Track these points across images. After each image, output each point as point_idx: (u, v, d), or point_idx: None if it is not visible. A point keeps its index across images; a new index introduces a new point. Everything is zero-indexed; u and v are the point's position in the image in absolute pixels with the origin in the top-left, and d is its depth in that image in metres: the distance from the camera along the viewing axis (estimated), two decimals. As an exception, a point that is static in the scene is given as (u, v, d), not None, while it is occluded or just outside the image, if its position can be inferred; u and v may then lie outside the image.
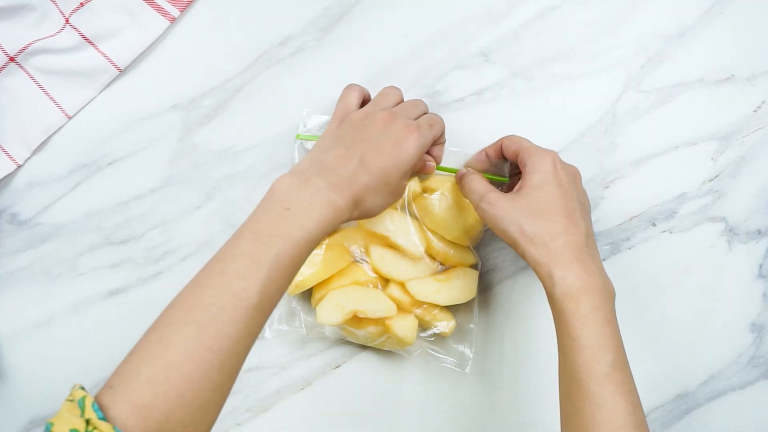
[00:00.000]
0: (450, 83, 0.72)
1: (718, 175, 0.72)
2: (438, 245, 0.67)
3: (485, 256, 0.71)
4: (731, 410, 0.71)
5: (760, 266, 0.72)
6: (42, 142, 0.71)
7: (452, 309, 0.69)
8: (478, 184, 0.63)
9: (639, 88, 0.72)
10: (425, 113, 0.64)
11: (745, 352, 0.71)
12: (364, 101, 0.66)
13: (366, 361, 0.70)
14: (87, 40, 0.71)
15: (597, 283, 0.57)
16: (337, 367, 0.71)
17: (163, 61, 0.72)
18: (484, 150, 0.68)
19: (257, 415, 0.70)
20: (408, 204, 0.68)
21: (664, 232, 0.72)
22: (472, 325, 0.68)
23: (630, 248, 0.72)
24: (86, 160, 0.71)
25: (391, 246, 0.67)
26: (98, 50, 0.71)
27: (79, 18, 0.71)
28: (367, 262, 0.68)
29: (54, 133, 0.71)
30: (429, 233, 0.67)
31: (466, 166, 0.68)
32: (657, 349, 0.71)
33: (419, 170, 0.66)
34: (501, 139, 0.66)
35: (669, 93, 0.72)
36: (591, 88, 0.72)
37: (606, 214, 0.72)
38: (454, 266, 0.68)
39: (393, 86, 0.65)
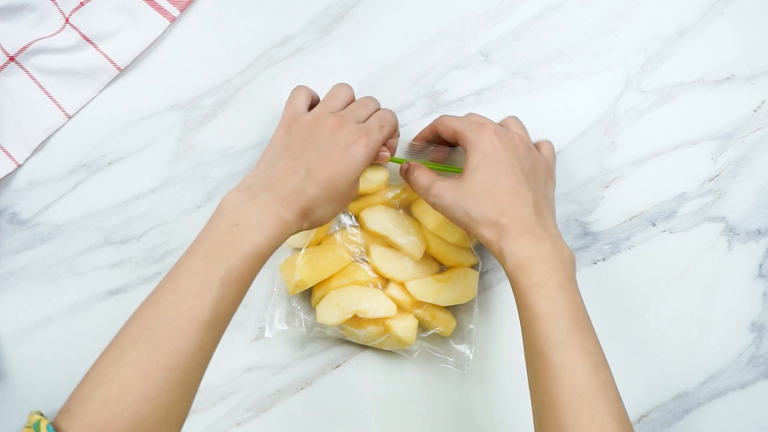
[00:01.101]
0: (450, 83, 0.72)
1: (718, 175, 0.72)
2: (438, 245, 0.67)
3: (485, 256, 0.71)
4: (731, 410, 0.71)
5: (760, 266, 0.72)
6: (42, 142, 0.71)
7: (452, 309, 0.69)
8: (423, 177, 0.63)
9: (639, 88, 0.72)
10: (377, 110, 0.64)
11: (745, 351, 0.71)
12: (314, 103, 0.65)
13: (366, 361, 0.70)
14: (87, 39, 0.71)
15: (547, 250, 0.56)
16: (337, 366, 0.71)
17: (163, 61, 0.72)
18: (421, 133, 0.67)
19: (257, 414, 0.70)
20: (409, 206, 0.68)
21: (664, 232, 0.72)
22: (472, 326, 0.68)
23: (630, 248, 0.72)
24: (86, 160, 0.71)
25: (392, 246, 0.67)
26: (98, 50, 0.71)
27: (79, 18, 0.71)
28: (367, 262, 0.68)
29: (54, 133, 0.71)
30: (430, 234, 0.67)
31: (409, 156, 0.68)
32: (657, 348, 0.71)
33: (373, 160, 0.66)
34: (434, 123, 0.65)
35: (669, 93, 0.72)
36: (591, 88, 0.72)
37: (606, 214, 0.72)
38: (454, 266, 0.68)
39: (343, 84, 0.65)
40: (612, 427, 0.51)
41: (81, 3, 0.71)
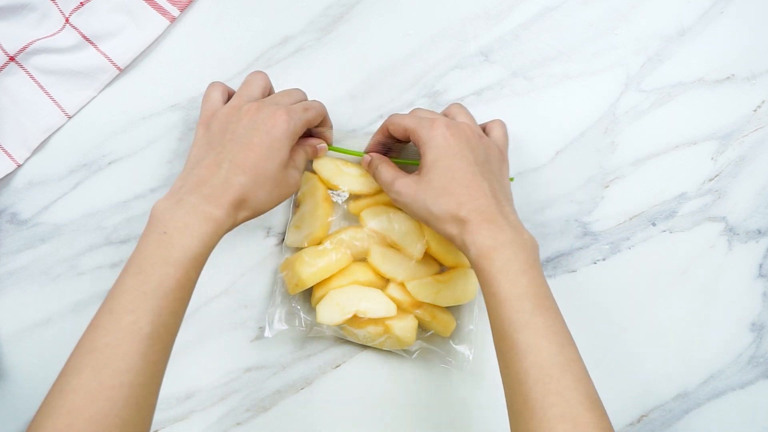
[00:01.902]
0: (450, 83, 0.72)
1: (718, 175, 0.72)
2: (439, 246, 0.67)
3: (485, 256, 0.71)
4: (731, 410, 0.71)
5: (760, 266, 0.72)
6: (42, 142, 0.71)
7: (452, 309, 0.69)
8: (385, 173, 0.63)
9: (639, 88, 0.72)
10: (302, 101, 0.64)
11: (745, 351, 0.71)
12: (230, 98, 0.65)
13: (366, 361, 0.70)
14: (87, 39, 0.71)
15: (507, 237, 0.56)
16: (337, 366, 0.71)
17: (163, 61, 0.72)
18: (375, 136, 0.67)
19: (257, 414, 0.70)
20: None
21: (664, 231, 0.72)
22: (471, 326, 0.68)
23: (630, 248, 0.72)
24: (86, 160, 0.71)
25: (392, 246, 0.67)
26: (98, 50, 0.71)
27: (79, 17, 0.71)
28: (367, 261, 0.68)
29: (54, 132, 0.71)
30: (430, 234, 0.67)
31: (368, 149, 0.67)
32: (657, 348, 0.71)
33: (311, 155, 0.66)
34: (384, 123, 0.65)
35: (669, 93, 0.73)
36: (591, 88, 0.73)
37: (606, 214, 0.72)
38: (454, 267, 0.68)
39: (258, 71, 0.64)
40: (580, 402, 0.51)
41: (81, 3, 0.71)
